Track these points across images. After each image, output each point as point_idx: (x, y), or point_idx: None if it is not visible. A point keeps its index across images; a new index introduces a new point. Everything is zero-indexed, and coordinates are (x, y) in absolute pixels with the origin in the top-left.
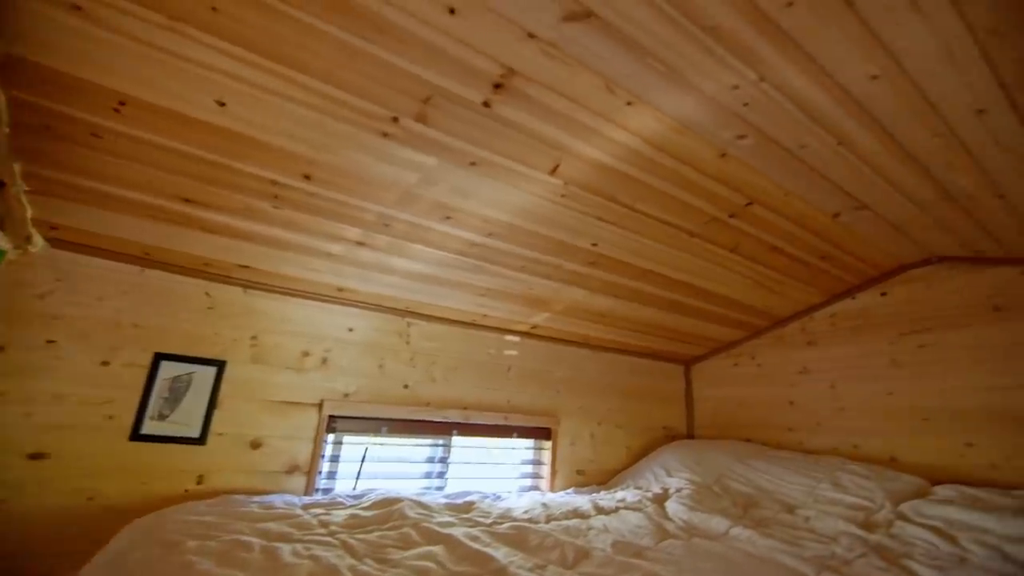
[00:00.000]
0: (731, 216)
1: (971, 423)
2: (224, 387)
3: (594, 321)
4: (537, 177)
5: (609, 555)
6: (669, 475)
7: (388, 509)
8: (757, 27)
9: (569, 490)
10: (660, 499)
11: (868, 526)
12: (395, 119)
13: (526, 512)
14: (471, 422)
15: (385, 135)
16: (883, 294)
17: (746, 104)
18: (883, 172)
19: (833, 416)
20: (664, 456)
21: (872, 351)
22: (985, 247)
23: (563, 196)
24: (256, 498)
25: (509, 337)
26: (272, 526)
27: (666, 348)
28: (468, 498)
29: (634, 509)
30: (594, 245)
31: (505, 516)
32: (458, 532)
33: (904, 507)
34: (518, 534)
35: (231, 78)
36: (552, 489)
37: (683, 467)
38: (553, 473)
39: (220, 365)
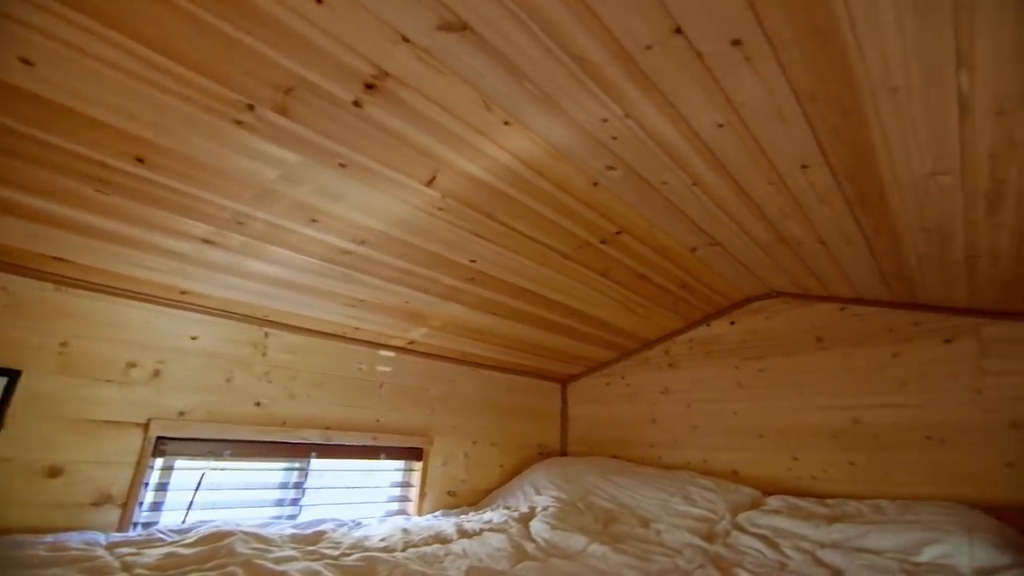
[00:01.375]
0: (602, 242)
1: (796, 440)
2: (16, 401)
3: (472, 338)
4: (413, 187)
5: None
6: (538, 493)
7: (215, 545)
8: (622, 64)
9: (438, 513)
10: (526, 519)
11: (710, 537)
12: (251, 107)
13: (383, 540)
14: (333, 443)
15: (239, 123)
16: (732, 323)
17: (615, 138)
18: (730, 213)
19: (688, 433)
20: (535, 474)
21: (721, 374)
22: (812, 286)
23: (441, 209)
24: (48, 538)
25: (384, 352)
26: (55, 574)
27: (544, 366)
28: (321, 527)
29: (498, 531)
30: (472, 261)
31: (357, 546)
32: (295, 568)
33: (740, 518)
34: (366, 566)
35: (42, 34)
36: (420, 512)
37: (551, 485)
38: (422, 496)
39: (13, 375)
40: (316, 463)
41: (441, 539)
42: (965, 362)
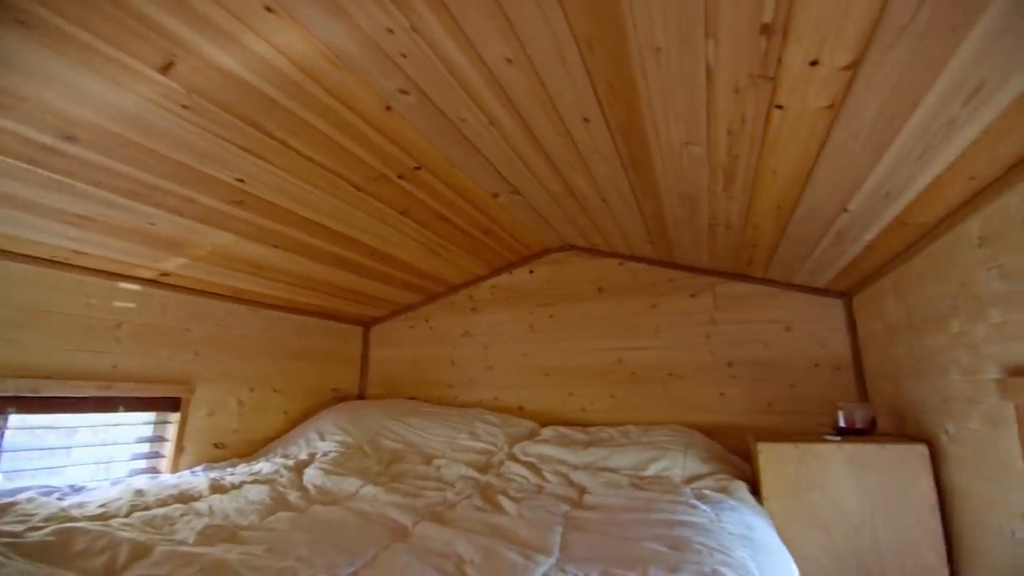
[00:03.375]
0: (400, 177)
1: (573, 377)
2: None
3: (249, 272)
4: (141, 71)
5: (173, 550)
6: (322, 439)
7: None
8: None
9: (198, 468)
10: (302, 466)
11: (485, 468)
12: None
13: (103, 506)
14: (41, 396)
15: None
16: (531, 272)
17: (404, 55)
18: (527, 161)
19: (484, 373)
20: (322, 420)
21: (518, 319)
22: (598, 242)
23: (186, 107)
24: None
25: (126, 285)
26: None
27: (346, 309)
28: (17, 496)
29: (264, 482)
30: (240, 180)
31: (57, 516)
32: None
33: (516, 448)
34: (57, 541)
35: None
36: (175, 469)
37: (338, 430)
38: (178, 451)
39: None
40: (18, 420)
41: (185, 498)
42: (703, 313)
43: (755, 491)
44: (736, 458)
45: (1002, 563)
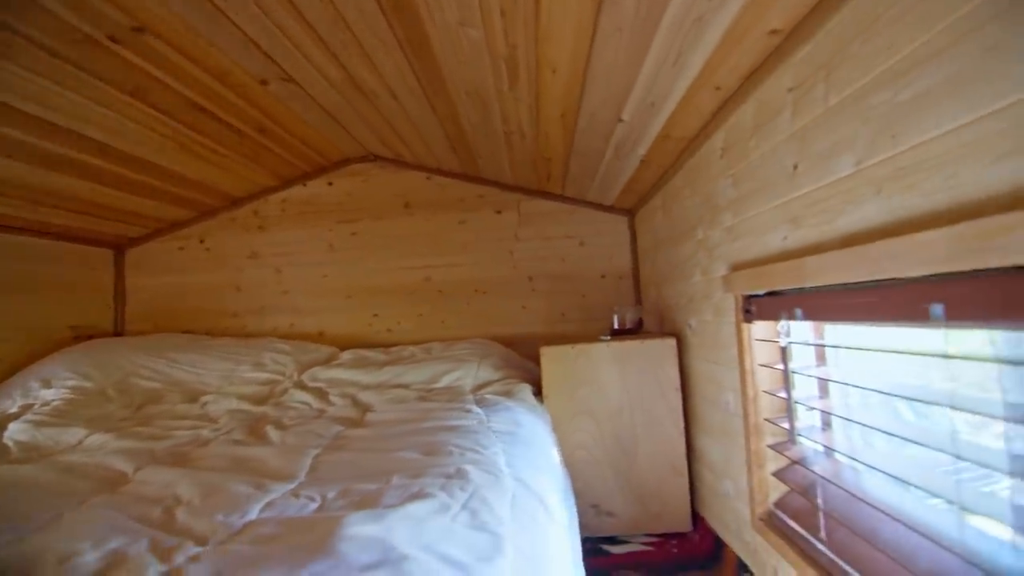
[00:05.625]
0: (113, 40)
1: (378, 298)
2: None
3: None
4: None
5: None
6: (48, 387)
7: None
8: None
9: None
10: (6, 421)
11: (263, 400)
12: None
13: None
14: None
15: None
16: (330, 184)
17: None
18: (291, 37)
19: (277, 299)
20: (49, 365)
21: (315, 237)
22: (402, 152)
23: None
24: None
25: None
26: None
27: (83, 226)
28: None
29: None
30: None
31: None
32: None
33: (305, 375)
34: None
35: None
36: None
37: (73, 374)
38: None
39: None
40: None
41: None
42: (507, 229)
43: (541, 391)
44: (532, 364)
45: (718, 429)
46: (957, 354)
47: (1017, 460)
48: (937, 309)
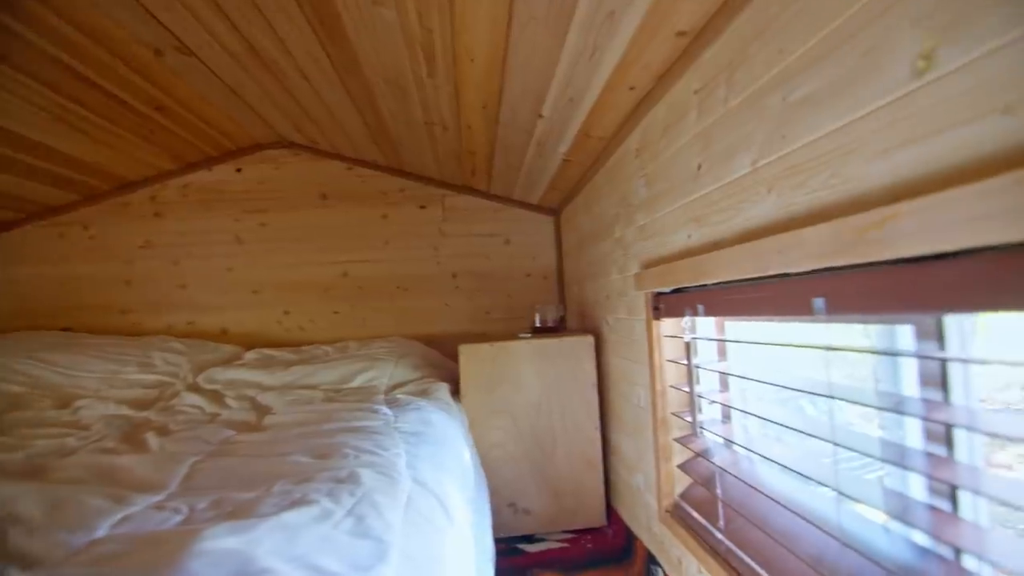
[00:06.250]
0: None
1: (290, 294)
2: None
3: None
4: None
5: None
6: None
7: None
8: None
9: None
10: None
11: (147, 404)
12: None
13: None
14: None
15: None
16: (238, 170)
17: None
18: (189, 6)
19: (174, 294)
20: None
21: (220, 227)
22: (318, 138)
23: None
24: None
25: None
26: None
27: None
28: None
29: None
30: None
31: None
32: None
33: (201, 377)
34: None
35: None
36: None
37: None
38: None
39: None
40: None
41: None
42: (432, 225)
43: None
44: (453, 363)
45: (631, 424)
46: (838, 347)
47: (888, 447)
48: (819, 303)
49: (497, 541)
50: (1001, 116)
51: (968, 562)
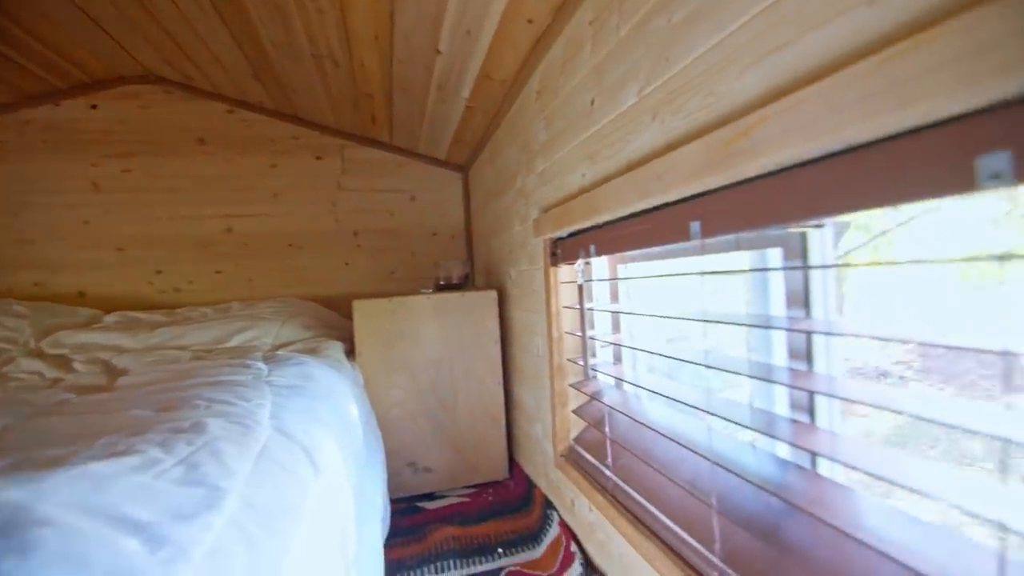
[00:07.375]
0: None
1: (162, 251)
2: None
3: None
4: None
5: None
6: None
7: None
8: None
9: None
10: None
11: None
12: None
13: None
14: None
15: None
16: (94, 107)
17: None
18: None
19: (15, 250)
20: None
21: (73, 173)
22: (192, 73)
23: None
24: None
25: None
26: None
27: None
28: None
29: None
30: None
31: None
32: None
33: (45, 342)
34: None
35: None
36: None
37: None
38: None
39: None
40: None
41: None
42: (329, 178)
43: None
44: (351, 323)
45: (531, 375)
46: (712, 271)
47: (754, 366)
48: (695, 226)
49: (397, 501)
50: (867, 8)
51: (822, 468)
